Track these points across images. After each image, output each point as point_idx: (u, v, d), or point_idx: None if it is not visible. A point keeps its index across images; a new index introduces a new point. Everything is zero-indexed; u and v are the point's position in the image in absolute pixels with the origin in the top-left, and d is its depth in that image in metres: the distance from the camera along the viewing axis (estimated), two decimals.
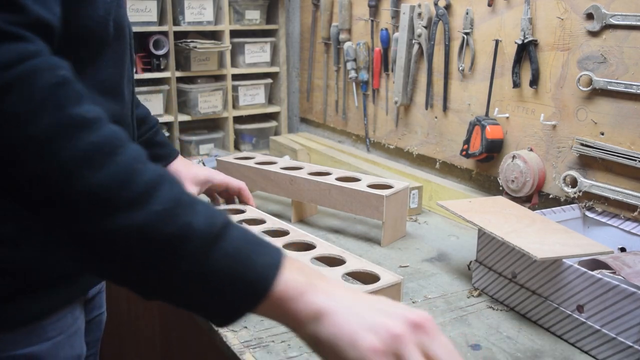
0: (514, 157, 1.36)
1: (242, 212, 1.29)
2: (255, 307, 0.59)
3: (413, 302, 1.10)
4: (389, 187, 1.37)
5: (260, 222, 1.26)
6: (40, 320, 0.82)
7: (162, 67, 1.99)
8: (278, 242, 1.14)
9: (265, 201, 1.64)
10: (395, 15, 1.70)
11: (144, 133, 1.17)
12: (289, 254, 1.07)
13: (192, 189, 1.23)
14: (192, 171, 1.25)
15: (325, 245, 1.13)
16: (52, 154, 0.56)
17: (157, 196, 0.57)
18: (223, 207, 1.32)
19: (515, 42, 1.35)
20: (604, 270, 0.99)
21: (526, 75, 1.36)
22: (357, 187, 1.36)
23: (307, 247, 1.14)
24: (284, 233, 1.20)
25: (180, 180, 0.63)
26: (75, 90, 0.60)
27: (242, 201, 1.33)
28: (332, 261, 1.08)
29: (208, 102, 2.08)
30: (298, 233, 1.19)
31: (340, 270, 1.03)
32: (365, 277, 1.03)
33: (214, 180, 1.27)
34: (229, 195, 1.34)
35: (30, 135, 0.55)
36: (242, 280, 0.58)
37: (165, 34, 1.96)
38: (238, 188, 1.31)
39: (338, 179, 1.42)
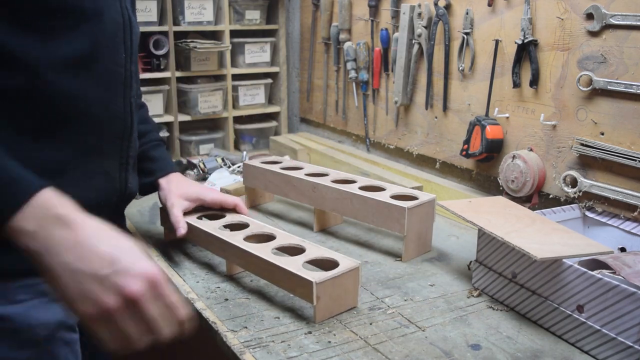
0: (514, 157, 1.36)
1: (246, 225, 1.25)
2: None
3: (413, 302, 1.10)
4: (413, 198, 1.30)
5: (221, 216, 1.29)
6: (5, 281, 0.86)
7: (162, 67, 1.99)
8: (239, 235, 1.17)
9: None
10: (395, 15, 1.70)
11: (140, 146, 1.22)
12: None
13: (181, 204, 1.26)
14: (182, 188, 1.28)
15: (285, 236, 1.17)
16: None
17: None
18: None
19: (515, 42, 1.35)
20: (604, 270, 0.99)
21: (526, 75, 1.36)
22: (379, 197, 1.29)
23: (268, 238, 1.17)
24: (243, 226, 1.23)
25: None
26: None
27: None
28: (293, 250, 1.12)
29: (208, 102, 2.09)
30: (257, 225, 1.23)
31: (301, 258, 1.07)
32: (325, 264, 1.07)
33: (205, 198, 1.29)
34: (227, 211, 1.33)
35: None
36: None
37: (165, 34, 1.96)
38: (233, 205, 1.30)
39: (362, 188, 1.35)
